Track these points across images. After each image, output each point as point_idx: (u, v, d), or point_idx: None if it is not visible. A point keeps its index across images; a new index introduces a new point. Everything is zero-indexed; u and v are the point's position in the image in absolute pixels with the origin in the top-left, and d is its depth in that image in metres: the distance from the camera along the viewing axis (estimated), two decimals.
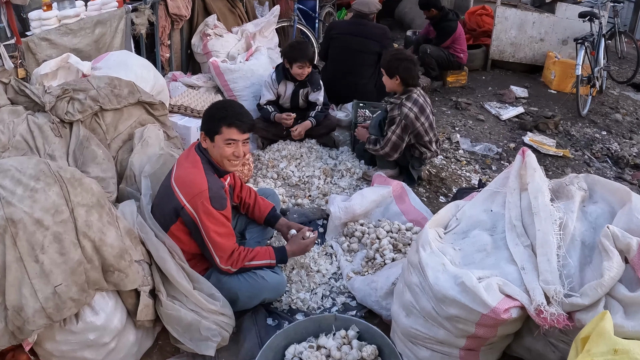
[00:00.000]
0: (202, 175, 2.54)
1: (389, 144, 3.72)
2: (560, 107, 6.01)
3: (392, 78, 3.72)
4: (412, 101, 3.69)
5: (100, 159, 3.05)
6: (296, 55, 4.30)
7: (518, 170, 2.39)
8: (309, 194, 3.88)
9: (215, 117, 2.59)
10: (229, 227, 2.59)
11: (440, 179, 4.09)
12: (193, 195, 2.49)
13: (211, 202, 2.48)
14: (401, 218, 3.37)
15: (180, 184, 2.56)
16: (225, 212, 2.55)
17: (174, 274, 2.46)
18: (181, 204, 2.52)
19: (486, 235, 2.28)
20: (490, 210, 2.39)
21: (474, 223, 2.37)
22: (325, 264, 3.14)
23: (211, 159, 2.64)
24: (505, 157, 4.62)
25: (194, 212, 2.50)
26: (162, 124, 3.59)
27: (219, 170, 2.67)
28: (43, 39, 3.86)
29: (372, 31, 5.13)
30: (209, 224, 2.49)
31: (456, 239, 2.34)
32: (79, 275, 2.14)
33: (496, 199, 2.42)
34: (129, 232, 2.45)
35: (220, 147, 2.59)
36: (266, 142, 4.59)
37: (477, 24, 7.82)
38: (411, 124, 3.65)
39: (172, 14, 5.36)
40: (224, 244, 2.54)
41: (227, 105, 2.68)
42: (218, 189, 2.54)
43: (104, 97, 3.18)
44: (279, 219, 3.07)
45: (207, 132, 2.61)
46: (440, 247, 2.21)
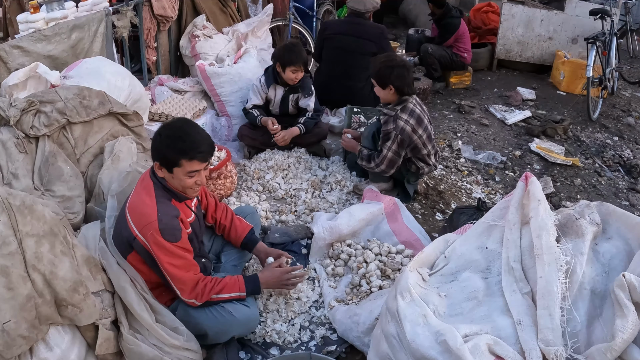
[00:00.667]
0: (153, 205, 2.30)
1: (384, 162, 3.44)
2: (570, 110, 5.71)
3: (385, 88, 3.43)
4: (407, 112, 3.40)
5: (67, 176, 2.84)
6: (291, 58, 4.02)
7: (519, 200, 2.08)
8: (295, 209, 3.62)
9: (171, 148, 2.27)
10: (187, 258, 2.34)
11: (438, 192, 3.81)
12: (143, 226, 2.27)
13: (162, 234, 2.25)
14: (392, 239, 3.10)
15: (132, 212, 2.34)
16: (180, 244, 2.30)
17: (134, 306, 2.27)
18: (133, 234, 2.31)
19: (478, 278, 1.99)
20: (484, 248, 2.09)
21: (465, 263, 2.07)
22: (307, 289, 2.88)
23: (168, 185, 2.39)
24: (509, 167, 4.33)
25: (146, 242, 2.28)
26: (137, 135, 3.36)
27: (178, 196, 2.43)
28: (14, 46, 3.65)
29: (368, 31, 4.83)
30: (162, 257, 2.27)
31: (443, 282, 2.05)
32: (28, 311, 2.00)
33: (492, 234, 2.12)
34: (87, 261, 2.26)
35: (180, 178, 2.33)
36: (253, 151, 4.33)
37: (482, 21, 7.51)
38: (408, 138, 3.37)
39: (158, 15, 5.11)
40: (181, 276, 2.31)
41: (183, 134, 2.29)
42: (170, 219, 2.30)
43: (71, 110, 2.97)
44: (257, 243, 2.82)
45: (162, 164, 2.33)
46: (423, 293, 1.92)
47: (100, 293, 2.22)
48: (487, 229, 2.16)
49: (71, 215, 2.61)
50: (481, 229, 2.18)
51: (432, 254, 2.19)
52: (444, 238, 2.28)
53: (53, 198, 2.66)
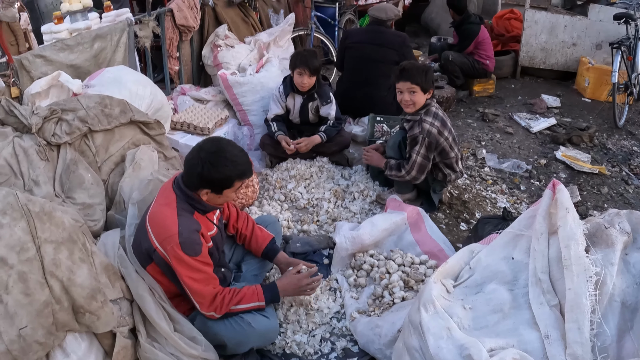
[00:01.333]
0: (174, 217, 2.28)
1: (414, 167, 3.36)
2: (595, 117, 5.58)
3: (426, 93, 3.36)
4: (432, 115, 3.34)
5: (88, 183, 2.85)
6: (296, 61, 4.02)
7: (547, 209, 1.99)
8: (317, 219, 3.57)
9: (226, 174, 2.28)
10: (206, 272, 2.31)
11: (463, 201, 3.73)
12: (163, 238, 2.25)
13: (182, 248, 2.22)
14: (416, 249, 3.03)
15: (152, 224, 2.32)
16: (200, 258, 2.28)
17: (152, 315, 2.25)
18: (153, 246, 2.29)
19: (504, 290, 1.91)
20: (511, 259, 2.01)
21: (490, 274, 1.99)
22: (328, 301, 2.83)
23: (197, 197, 2.35)
24: (535, 175, 4.22)
25: (166, 254, 2.26)
26: (158, 144, 3.36)
27: (202, 209, 2.41)
28: (37, 55, 3.70)
29: (390, 39, 4.79)
30: (182, 270, 2.25)
31: (468, 293, 1.97)
32: (45, 317, 2.00)
33: (519, 244, 2.04)
34: (106, 268, 2.25)
35: (227, 196, 2.39)
36: (275, 160, 4.30)
37: (505, 28, 7.42)
38: (435, 141, 3.30)
39: (180, 25, 5.15)
40: (201, 290, 2.28)
41: (233, 157, 2.30)
42: (190, 233, 2.27)
43: (93, 118, 2.98)
44: (278, 253, 2.78)
45: (213, 189, 2.33)
46: (447, 305, 1.85)
47: (119, 301, 2.21)
48: (514, 239, 2.07)
49: (91, 223, 2.61)
50: (507, 239, 2.09)
51: (456, 264, 2.11)
52: (469, 248, 2.20)
53: (74, 205, 2.66)
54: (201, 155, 2.27)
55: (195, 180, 2.29)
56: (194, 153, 2.32)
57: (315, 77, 4.10)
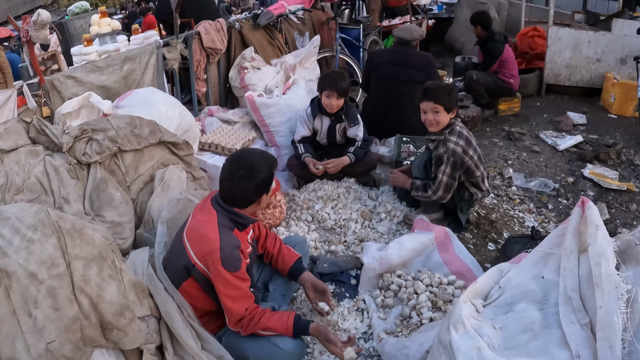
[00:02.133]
0: (215, 232, 2.33)
1: (441, 187, 3.35)
2: (622, 134, 5.48)
3: (449, 112, 3.36)
4: (456, 135, 3.33)
5: (118, 202, 2.91)
6: (324, 83, 4.06)
7: (576, 226, 1.96)
8: (345, 240, 3.56)
9: (271, 169, 2.47)
10: (243, 289, 2.35)
11: (490, 221, 3.68)
12: (204, 254, 2.29)
13: (222, 264, 2.26)
14: (443, 269, 3.00)
15: (192, 239, 2.36)
16: (239, 274, 2.32)
17: (180, 333, 2.26)
18: (192, 261, 2.33)
19: (535, 310, 1.88)
20: (541, 277, 1.98)
21: (520, 293, 1.97)
22: (356, 321, 2.81)
23: (239, 212, 2.44)
24: (562, 194, 4.15)
25: (206, 270, 2.31)
26: (187, 164, 3.42)
27: (242, 223, 2.47)
28: (68, 76, 3.84)
29: (415, 59, 4.81)
30: (220, 287, 2.29)
31: (498, 313, 1.94)
32: (73, 332, 2.03)
33: (549, 263, 2.01)
34: (134, 286, 2.28)
35: (271, 190, 2.53)
36: (302, 181, 4.33)
37: (529, 46, 7.36)
38: (460, 160, 3.29)
39: (207, 47, 5.27)
40: (233, 309, 2.31)
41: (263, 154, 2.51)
42: (232, 248, 2.32)
43: (122, 138, 3.05)
44: (303, 272, 2.78)
45: (267, 190, 2.51)
46: (477, 325, 1.82)
47: (146, 318, 2.23)
48: (543, 258, 2.04)
49: (120, 241, 2.66)
50: (537, 258, 2.06)
51: (486, 284, 2.09)
52: (499, 268, 2.17)
53: (103, 223, 2.72)
54: (242, 174, 2.37)
55: (254, 193, 2.42)
56: (234, 177, 2.38)
57: (343, 99, 4.13)
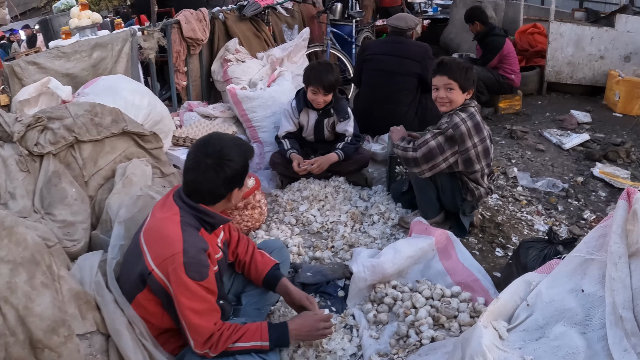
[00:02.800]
0: (177, 232, 1.92)
1: (423, 147, 2.94)
2: (629, 132, 5.17)
3: (464, 92, 2.98)
4: (467, 113, 2.95)
5: (71, 199, 2.53)
6: (309, 77, 3.69)
7: (623, 224, 1.57)
8: (332, 245, 3.17)
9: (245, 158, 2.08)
10: (210, 301, 1.95)
11: (496, 224, 3.31)
12: (164, 259, 1.88)
13: (186, 270, 1.86)
14: (446, 279, 2.62)
15: (149, 241, 1.96)
16: (205, 283, 1.91)
17: (129, 354, 1.88)
18: (148, 268, 1.91)
19: (576, 334, 1.46)
20: (580, 291, 1.57)
21: (555, 313, 1.55)
22: (343, 340, 2.38)
23: (207, 209, 2.04)
24: (572, 195, 3.80)
25: (164, 279, 1.89)
26: (155, 159, 3.03)
27: (211, 223, 2.07)
28: (31, 62, 3.47)
29: (411, 50, 4.45)
30: (183, 299, 1.87)
31: (527, 339, 1.52)
32: None
33: (589, 272, 1.60)
34: (76, 296, 1.89)
35: (245, 185, 2.17)
36: (286, 180, 3.93)
37: (528, 43, 7.07)
38: (460, 138, 2.89)
39: (187, 37, 4.89)
40: (200, 326, 1.90)
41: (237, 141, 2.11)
42: (197, 252, 1.92)
43: (80, 127, 2.67)
44: (280, 280, 2.36)
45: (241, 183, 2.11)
46: (502, 358, 1.42)
47: (90, 336, 1.83)
48: (581, 266, 1.64)
49: (70, 243, 2.27)
50: (573, 266, 1.65)
51: (510, 301, 1.66)
52: (524, 279, 1.76)
53: (53, 222, 2.33)
54: (210, 163, 1.97)
55: (224, 187, 2.02)
56: (200, 166, 1.98)
57: (331, 94, 3.76)
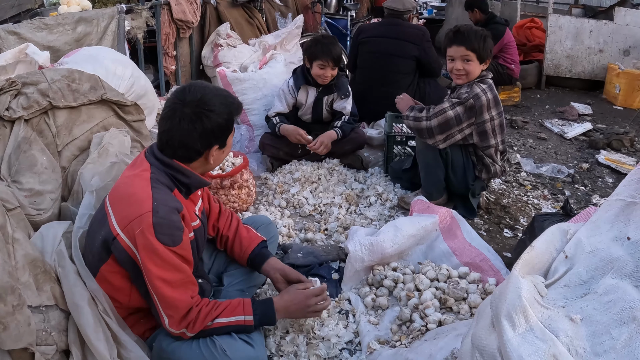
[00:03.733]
0: (146, 189, 1.67)
1: (440, 116, 2.74)
2: (631, 124, 5.05)
3: (482, 63, 2.80)
4: (487, 85, 2.78)
5: (41, 167, 2.30)
6: (317, 51, 3.46)
7: None
8: (325, 227, 2.95)
9: (230, 112, 1.81)
10: (186, 272, 1.69)
11: (502, 206, 3.12)
12: (130, 220, 1.62)
13: (155, 232, 1.60)
14: (452, 260, 2.41)
15: (115, 201, 1.72)
16: (179, 250, 1.66)
17: (89, 333, 1.61)
18: (113, 232, 1.66)
19: (629, 286, 1.22)
20: (626, 239, 1.33)
21: (601, 264, 1.32)
22: (338, 326, 2.13)
23: (182, 166, 1.78)
24: (579, 180, 3.64)
25: (131, 245, 1.63)
26: (136, 132, 2.81)
27: (186, 184, 1.81)
28: (11, 32, 3.37)
29: (408, 32, 4.27)
30: (152, 267, 1.61)
31: (570, 296, 1.29)
32: None
33: (633, 217, 1.37)
34: (33, 264, 1.64)
35: (229, 145, 1.90)
36: (277, 163, 3.72)
37: (526, 37, 6.99)
38: (479, 109, 2.71)
39: (177, 19, 4.70)
40: (175, 299, 1.64)
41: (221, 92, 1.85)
42: (169, 212, 1.66)
43: (56, 92, 2.46)
44: (268, 259, 2.11)
45: (222, 141, 1.84)
46: (546, 317, 1.18)
47: (45, 309, 1.57)
48: (623, 211, 1.41)
49: (34, 212, 2.03)
50: (614, 211, 1.43)
51: (545, 251, 1.42)
52: (560, 227, 1.51)
53: (19, 191, 2.09)
54: (188, 111, 1.72)
55: (200, 142, 1.76)
56: (175, 115, 1.73)
57: (337, 68, 3.58)
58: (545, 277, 1.35)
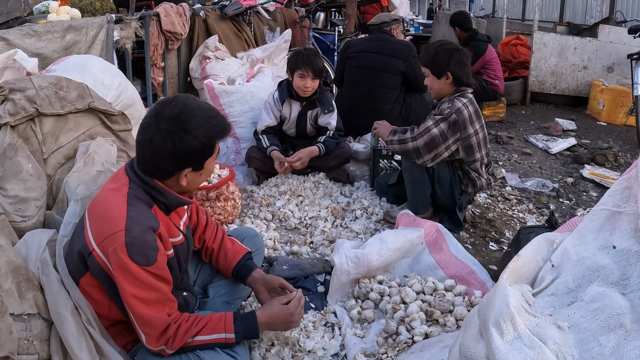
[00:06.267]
0: (121, 207, 1.63)
1: (425, 135, 2.75)
2: (615, 139, 5.14)
3: (440, 77, 2.82)
4: (467, 99, 2.82)
5: (27, 174, 2.28)
6: (297, 61, 3.50)
7: None
8: (311, 240, 2.95)
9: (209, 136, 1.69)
10: (161, 290, 1.65)
11: (488, 220, 3.15)
12: (104, 237, 1.60)
13: (128, 252, 1.56)
14: (438, 273, 2.42)
15: (92, 215, 1.69)
16: (153, 269, 1.61)
17: (71, 343, 1.58)
18: (89, 247, 1.63)
19: (616, 293, 1.24)
20: (611, 248, 1.35)
21: (588, 272, 1.33)
22: (324, 339, 2.13)
23: (159, 185, 1.71)
24: (563, 194, 3.69)
25: (106, 261, 1.61)
26: (122, 142, 2.79)
27: (165, 204, 1.76)
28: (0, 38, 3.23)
29: (395, 47, 4.31)
30: (126, 285, 1.58)
31: (557, 304, 1.30)
32: None
33: (619, 226, 1.39)
34: (16, 271, 1.61)
35: (208, 169, 1.77)
36: (263, 176, 3.72)
37: (512, 54, 7.12)
38: (462, 124, 2.74)
39: (166, 30, 4.70)
40: (150, 316, 1.61)
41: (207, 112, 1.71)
42: (142, 232, 1.61)
43: (43, 99, 2.45)
44: (252, 271, 2.08)
45: (196, 165, 1.72)
46: (533, 325, 1.19)
47: (27, 318, 1.54)
48: (609, 220, 1.42)
49: (19, 218, 2.00)
50: (600, 221, 1.44)
51: (531, 260, 1.43)
52: (546, 237, 1.52)
53: (4, 197, 2.07)
54: (162, 127, 1.62)
55: (169, 163, 1.66)
56: (149, 129, 1.65)
57: (318, 80, 3.60)
58: (532, 285, 1.37)
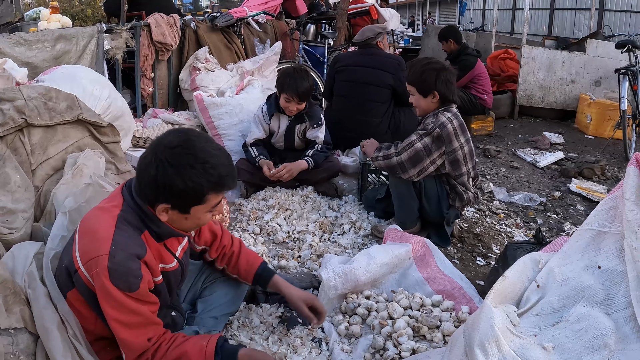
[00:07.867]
0: (109, 229, 1.60)
1: (409, 150, 2.77)
2: (602, 153, 5.20)
3: (427, 96, 2.83)
4: (452, 113, 2.83)
5: (15, 185, 2.28)
6: (284, 84, 3.50)
7: (637, 190, 1.42)
8: (299, 254, 2.95)
9: (198, 184, 1.59)
10: (143, 314, 1.62)
11: (475, 235, 3.16)
12: (89, 258, 1.58)
13: (110, 276, 1.54)
14: (425, 288, 2.42)
15: (82, 232, 1.66)
16: (136, 295, 1.59)
17: (57, 357, 1.57)
18: (75, 264, 1.62)
19: (600, 313, 1.26)
20: (596, 268, 1.37)
21: (573, 292, 1.35)
22: (311, 355, 2.13)
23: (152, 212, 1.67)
24: (550, 208, 3.72)
25: (90, 280, 1.59)
26: (111, 154, 2.79)
27: (158, 233, 1.72)
28: None
29: (384, 61, 4.33)
30: (108, 309, 1.57)
31: (543, 325, 1.31)
32: None
33: (604, 246, 1.42)
34: (2, 285, 1.62)
35: (197, 217, 1.69)
36: (251, 189, 3.71)
37: (500, 68, 7.19)
38: (447, 137, 2.75)
39: (157, 41, 4.71)
40: (129, 340, 1.59)
41: (209, 158, 1.61)
42: (126, 259, 1.58)
43: (32, 109, 2.45)
44: (273, 276, 2.14)
45: (177, 206, 1.65)
46: (518, 345, 1.20)
47: (14, 332, 1.54)
48: (594, 240, 1.45)
49: (6, 230, 1.99)
50: (585, 241, 1.46)
51: (517, 281, 1.44)
52: (531, 257, 1.54)
53: None
54: (157, 152, 1.58)
55: (148, 190, 1.61)
56: (149, 149, 1.63)
57: (304, 103, 3.61)
58: (517, 306, 1.38)
